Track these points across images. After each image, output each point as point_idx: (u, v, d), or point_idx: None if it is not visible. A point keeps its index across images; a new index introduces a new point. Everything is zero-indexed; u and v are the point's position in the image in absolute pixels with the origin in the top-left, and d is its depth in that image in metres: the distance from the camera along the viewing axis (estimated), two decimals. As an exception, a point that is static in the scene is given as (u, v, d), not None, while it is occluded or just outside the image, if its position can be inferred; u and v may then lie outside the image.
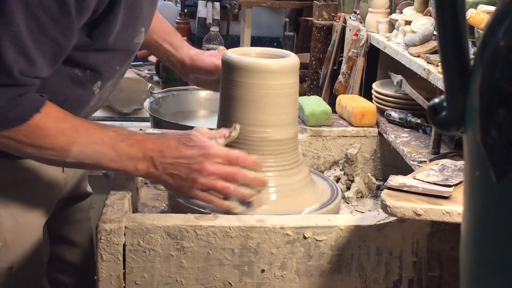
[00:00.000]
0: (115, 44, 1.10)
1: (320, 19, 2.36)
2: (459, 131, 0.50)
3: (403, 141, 1.47)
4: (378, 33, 1.84)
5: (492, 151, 0.44)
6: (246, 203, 1.12)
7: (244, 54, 1.24)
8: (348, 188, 1.44)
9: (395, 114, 1.57)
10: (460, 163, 1.16)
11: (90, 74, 1.12)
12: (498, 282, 0.46)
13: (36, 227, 1.21)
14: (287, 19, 3.20)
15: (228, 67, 1.20)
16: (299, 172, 1.23)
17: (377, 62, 1.96)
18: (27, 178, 1.20)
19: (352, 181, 1.45)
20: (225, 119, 1.21)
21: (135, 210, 1.24)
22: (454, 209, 0.98)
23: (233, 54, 1.22)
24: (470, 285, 0.51)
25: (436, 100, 0.50)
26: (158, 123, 1.70)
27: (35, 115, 1.00)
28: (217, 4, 3.42)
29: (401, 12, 1.76)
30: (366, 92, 1.90)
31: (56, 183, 1.26)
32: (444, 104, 0.49)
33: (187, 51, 1.40)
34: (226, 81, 1.21)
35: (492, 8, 1.26)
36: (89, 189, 1.47)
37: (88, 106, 1.20)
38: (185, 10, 3.62)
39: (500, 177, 0.44)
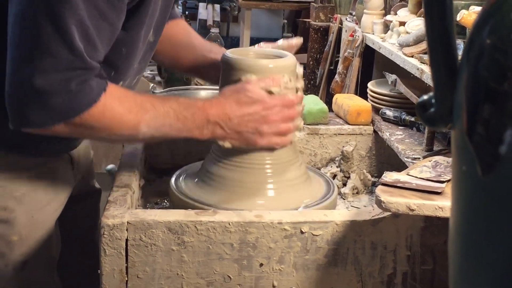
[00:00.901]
0: (137, 41, 1.12)
1: (317, 21, 2.39)
2: (447, 127, 0.51)
3: (397, 138, 1.48)
4: (373, 34, 1.87)
5: (478, 146, 0.45)
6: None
7: (243, 54, 1.26)
8: (344, 185, 1.46)
9: (389, 113, 1.59)
10: (453, 160, 1.18)
11: (110, 70, 1.13)
12: (484, 274, 0.48)
13: (49, 222, 1.23)
14: (286, 21, 3.23)
15: (227, 66, 1.22)
16: (296, 168, 1.25)
17: (373, 62, 1.98)
18: (41, 175, 1.21)
19: (348, 177, 1.47)
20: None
21: (137, 206, 1.25)
22: (446, 204, 1.00)
23: (232, 54, 1.24)
24: (457, 277, 0.52)
25: (425, 97, 0.52)
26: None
27: (102, 96, 1.02)
28: (217, 6, 3.45)
29: (396, 14, 1.79)
30: (361, 91, 1.93)
31: (66, 180, 1.28)
32: (433, 101, 0.51)
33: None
34: (225, 81, 1.23)
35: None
36: (97, 185, 1.48)
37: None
38: (186, 12, 3.64)
39: (486, 171, 0.45)
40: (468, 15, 1.29)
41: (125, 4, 1.03)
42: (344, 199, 1.41)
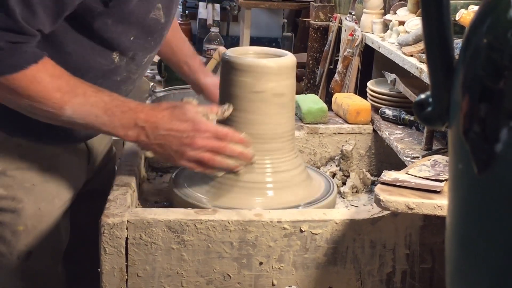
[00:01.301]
0: (130, 16, 1.11)
1: (316, 20, 2.39)
2: (443, 125, 0.51)
3: (396, 137, 1.49)
4: (372, 33, 1.87)
5: (474, 144, 0.46)
6: (232, 172, 1.18)
7: (243, 54, 1.27)
8: (344, 184, 1.46)
9: (389, 112, 1.59)
10: (451, 159, 1.18)
11: (107, 44, 1.13)
12: (480, 271, 0.48)
13: (56, 215, 1.23)
14: (286, 20, 3.23)
15: (227, 66, 1.22)
16: (296, 167, 1.26)
17: (372, 61, 1.98)
18: (54, 167, 1.22)
19: (348, 176, 1.47)
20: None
21: (137, 205, 1.26)
22: (445, 203, 1.00)
23: (232, 53, 1.25)
24: (454, 274, 0.53)
25: (422, 96, 0.52)
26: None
27: (32, 66, 1.00)
28: (217, 6, 3.45)
29: (395, 13, 1.79)
30: (361, 91, 1.93)
31: (80, 173, 1.29)
32: (430, 100, 0.51)
33: (203, 78, 1.48)
34: (225, 80, 1.23)
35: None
36: None
37: (115, 77, 1.21)
38: (186, 12, 3.65)
39: (481, 169, 0.45)
40: (467, 15, 1.30)
41: None
42: (343, 198, 1.42)
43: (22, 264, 1.21)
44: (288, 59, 1.24)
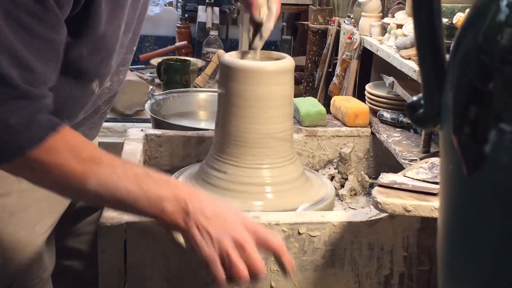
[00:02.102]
0: (102, 40, 1.00)
1: (315, 23, 2.40)
2: (435, 127, 0.52)
3: (394, 140, 1.49)
4: (371, 36, 1.88)
5: (464, 146, 0.46)
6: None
7: (242, 57, 1.28)
8: (342, 186, 1.47)
9: (387, 115, 1.60)
10: (449, 161, 1.18)
11: (85, 76, 1.03)
12: (470, 271, 0.48)
13: (38, 243, 1.16)
14: (285, 23, 3.24)
15: (226, 69, 1.23)
16: (294, 170, 1.26)
17: (370, 64, 1.99)
18: (34, 191, 1.07)
19: (346, 179, 1.47)
20: (223, 120, 1.24)
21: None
22: (442, 205, 1.01)
23: (231, 57, 1.25)
24: (445, 274, 0.53)
25: (414, 98, 0.53)
26: (158, 124, 1.74)
27: (50, 136, 0.88)
28: (216, 9, 3.46)
29: (393, 16, 1.80)
30: (359, 93, 1.93)
31: (60, 199, 1.17)
32: (422, 102, 0.52)
33: None
34: (224, 83, 1.24)
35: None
36: None
37: (97, 101, 1.13)
38: (186, 15, 3.66)
39: (471, 170, 0.46)
40: (464, 18, 1.30)
41: (57, 14, 0.88)
42: (341, 201, 1.42)
43: None
44: (286, 62, 1.25)
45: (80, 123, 1.14)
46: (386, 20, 1.80)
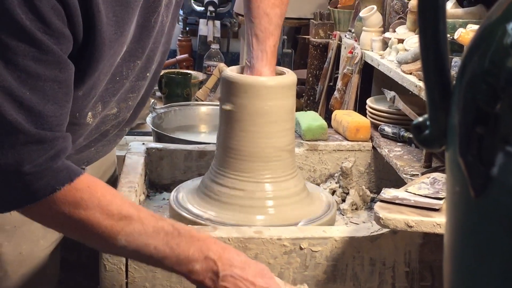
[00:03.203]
0: (101, 75, 0.97)
1: (316, 37, 2.41)
2: (441, 148, 0.52)
3: (396, 155, 1.49)
4: (372, 51, 1.88)
5: (470, 168, 0.46)
6: None
7: (243, 71, 1.28)
8: (343, 201, 1.46)
9: (388, 129, 1.60)
10: (450, 177, 1.18)
11: (78, 113, 1.00)
12: None
13: (41, 257, 1.16)
14: (286, 37, 3.26)
15: (227, 84, 1.23)
16: (296, 184, 1.26)
17: (371, 78, 2.00)
18: None
19: (347, 193, 1.47)
20: (225, 134, 1.25)
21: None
22: (444, 221, 1.01)
23: (232, 72, 1.26)
24: None
25: (420, 119, 0.53)
26: (160, 137, 1.74)
27: (73, 183, 0.86)
28: (217, 23, 3.48)
29: (394, 31, 1.81)
30: (360, 108, 1.94)
31: None
32: (427, 122, 0.52)
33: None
34: (226, 98, 1.24)
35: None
36: None
37: (88, 132, 1.10)
38: (187, 28, 3.68)
39: (478, 193, 0.46)
40: (465, 34, 1.31)
41: (57, 53, 0.86)
42: (343, 215, 1.42)
43: None
44: (288, 77, 1.25)
45: (87, 145, 1.13)
46: (387, 34, 1.81)
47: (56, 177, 0.86)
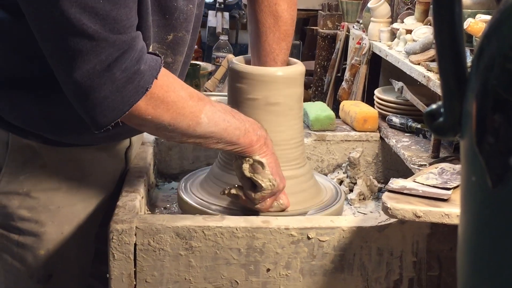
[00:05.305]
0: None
1: (324, 28, 2.40)
2: (455, 136, 0.51)
3: (403, 145, 1.49)
4: (380, 41, 1.88)
5: (488, 157, 0.45)
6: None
7: (250, 62, 1.28)
8: (351, 191, 1.46)
9: (396, 119, 1.60)
10: (459, 167, 1.18)
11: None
12: (492, 285, 0.47)
13: (81, 239, 1.19)
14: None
15: (235, 74, 1.22)
16: (304, 174, 1.26)
17: (379, 69, 1.99)
18: (82, 186, 1.16)
19: (355, 183, 1.47)
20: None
21: (145, 211, 1.26)
22: (452, 211, 1.00)
23: (239, 62, 1.25)
24: (466, 287, 0.53)
25: (433, 106, 0.51)
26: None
27: (160, 73, 0.94)
28: (226, 14, 3.47)
29: (402, 22, 1.80)
30: (368, 98, 1.94)
31: (111, 192, 1.23)
32: (441, 110, 0.50)
33: None
34: (233, 88, 1.24)
35: (490, 18, 1.30)
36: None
37: None
38: (196, 20, 3.67)
39: (496, 183, 0.44)
40: (474, 23, 1.30)
41: None
42: (350, 205, 1.42)
43: (42, 287, 1.18)
44: (297, 67, 1.24)
45: None
46: (395, 25, 1.80)
47: (144, 77, 0.92)
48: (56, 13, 0.86)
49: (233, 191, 1.15)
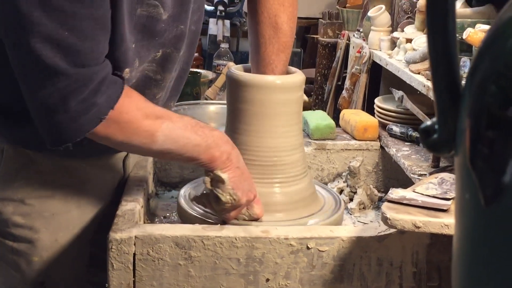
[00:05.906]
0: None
1: (325, 37, 2.41)
2: (450, 153, 0.50)
3: (404, 154, 1.49)
4: (380, 50, 1.88)
5: (481, 175, 0.45)
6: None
7: (250, 70, 1.28)
8: (351, 200, 1.46)
9: (396, 129, 1.60)
10: (458, 177, 1.18)
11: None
12: None
13: (76, 246, 1.19)
14: (295, 36, 3.27)
15: (234, 83, 1.21)
16: (304, 184, 1.26)
17: (380, 78, 1.99)
18: (78, 193, 1.17)
19: (355, 192, 1.47)
20: (232, 132, 1.24)
21: (145, 220, 1.26)
22: (452, 222, 0.99)
23: (238, 70, 1.25)
24: None
25: (428, 122, 0.51)
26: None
27: (120, 98, 0.97)
28: (227, 22, 3.48)
29: (403, 31, 1.80)
30: (368, 107, 1.94)
31: (108, 199, 1.24)
32: (436, 126, 0.51)
33: None
34: (232, 97, 1.23)
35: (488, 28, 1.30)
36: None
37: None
38: (197, 27, 3.68)
39: (489, 201, 0.44)
40: (474, 33, 1.31)
41: None
42: (350, 214, 1.42)
43: None
44: (296, 76, 1.24)
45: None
46: (395, 34, 1.80)
47: (100, 109, 0.95)
48: (23, 42, 0.89)
49: (203, 198, 1.17)
